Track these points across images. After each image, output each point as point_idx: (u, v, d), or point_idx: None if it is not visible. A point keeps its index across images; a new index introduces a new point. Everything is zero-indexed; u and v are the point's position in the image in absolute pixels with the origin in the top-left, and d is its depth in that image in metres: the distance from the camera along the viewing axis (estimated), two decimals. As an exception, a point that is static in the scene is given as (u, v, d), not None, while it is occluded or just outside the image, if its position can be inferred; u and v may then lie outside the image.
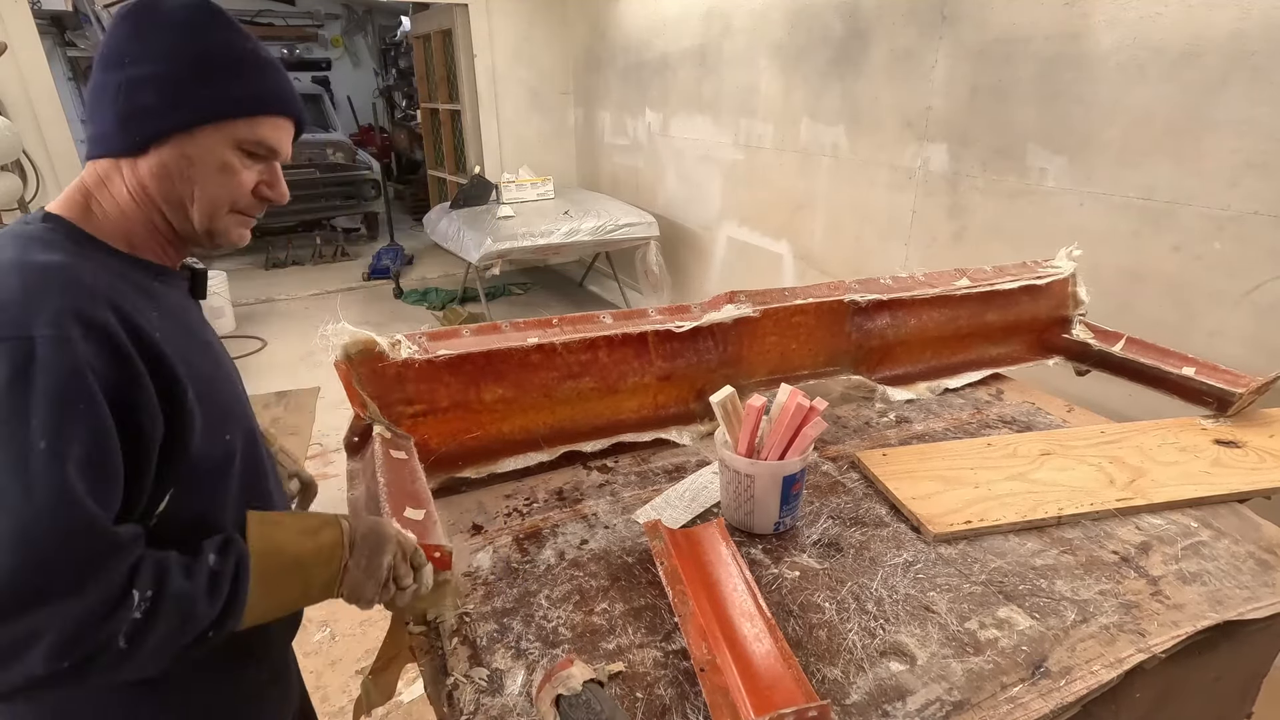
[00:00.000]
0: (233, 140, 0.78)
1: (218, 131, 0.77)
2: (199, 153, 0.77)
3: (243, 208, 0.82)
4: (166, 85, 0.74)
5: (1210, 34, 1.83)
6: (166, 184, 0.77)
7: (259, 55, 0.80)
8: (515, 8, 5.47)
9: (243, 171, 0.79)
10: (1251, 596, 0.92)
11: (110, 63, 0.75)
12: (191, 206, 0.78)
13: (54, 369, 0.63)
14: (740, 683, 0.73)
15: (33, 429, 0.62)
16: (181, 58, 0.75)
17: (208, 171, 0.77)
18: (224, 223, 0.81)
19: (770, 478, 0.99)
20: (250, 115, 0.78)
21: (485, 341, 1.16)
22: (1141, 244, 2.06)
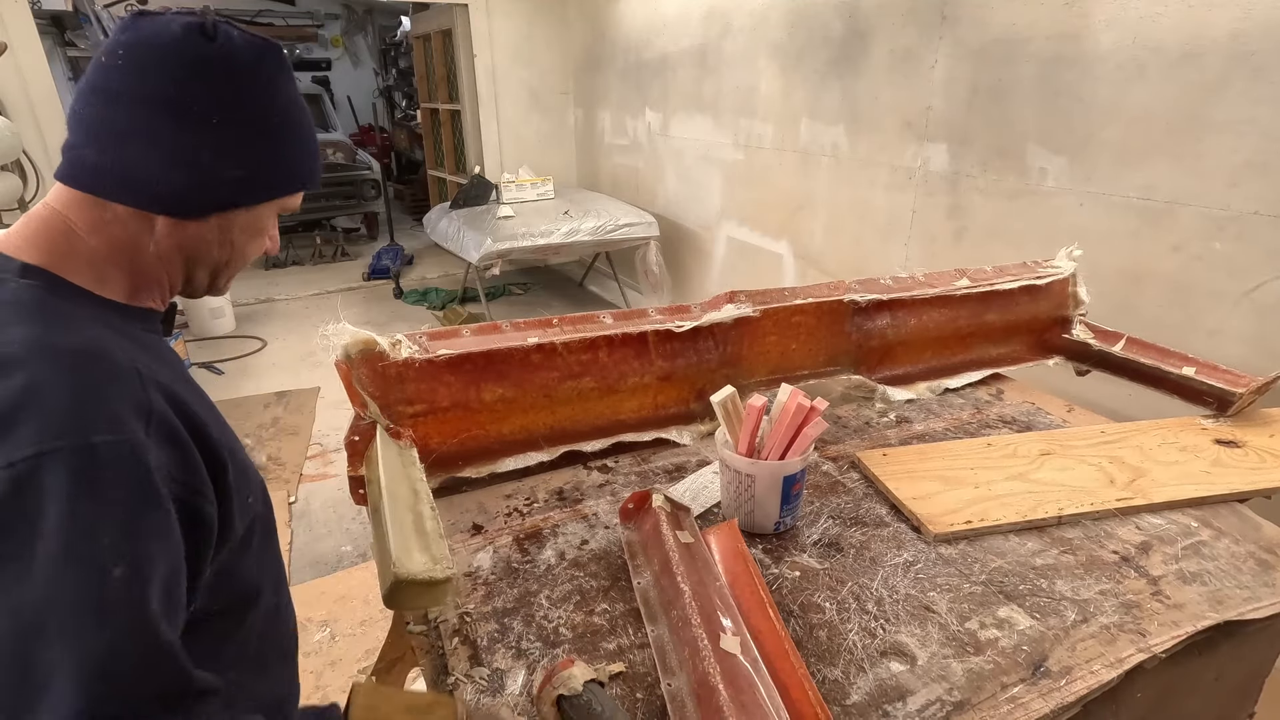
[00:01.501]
0: (279, 209, 0.75)
1: (275, 203, 0.73)
2: (253, 221, 0.72)
3: (237, 267, 0.77)
4: (253, 157, 0.68)
5: (1210, 34, 1.83)
6: (209, 249, 0.70)
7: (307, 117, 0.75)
8: (515, 8, 5.47)
9: (271, 231, 0.77)
10: (1252, 596, 0.92)
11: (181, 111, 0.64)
12: (224, 269, 0.74)
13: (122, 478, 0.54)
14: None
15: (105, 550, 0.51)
16: (267, 125, 0.69)
17: (253, 238, 0.74)
18: (224, 280, 0.77)
19: (771, 478, 0.99)
20: (300, 183, 0.74)
21: (485, 341, 1.16)
22: (1141, 244, 2.07)
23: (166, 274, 0.71)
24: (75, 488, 0.51)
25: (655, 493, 1.01)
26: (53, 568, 0.51)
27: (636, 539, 0.99)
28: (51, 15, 8.36)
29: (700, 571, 0.88)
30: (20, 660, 0.50)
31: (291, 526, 2.83)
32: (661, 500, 1.00)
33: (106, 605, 0.51)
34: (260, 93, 0.68)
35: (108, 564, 0.51)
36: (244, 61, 0.67)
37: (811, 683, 0.75)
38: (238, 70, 0.66)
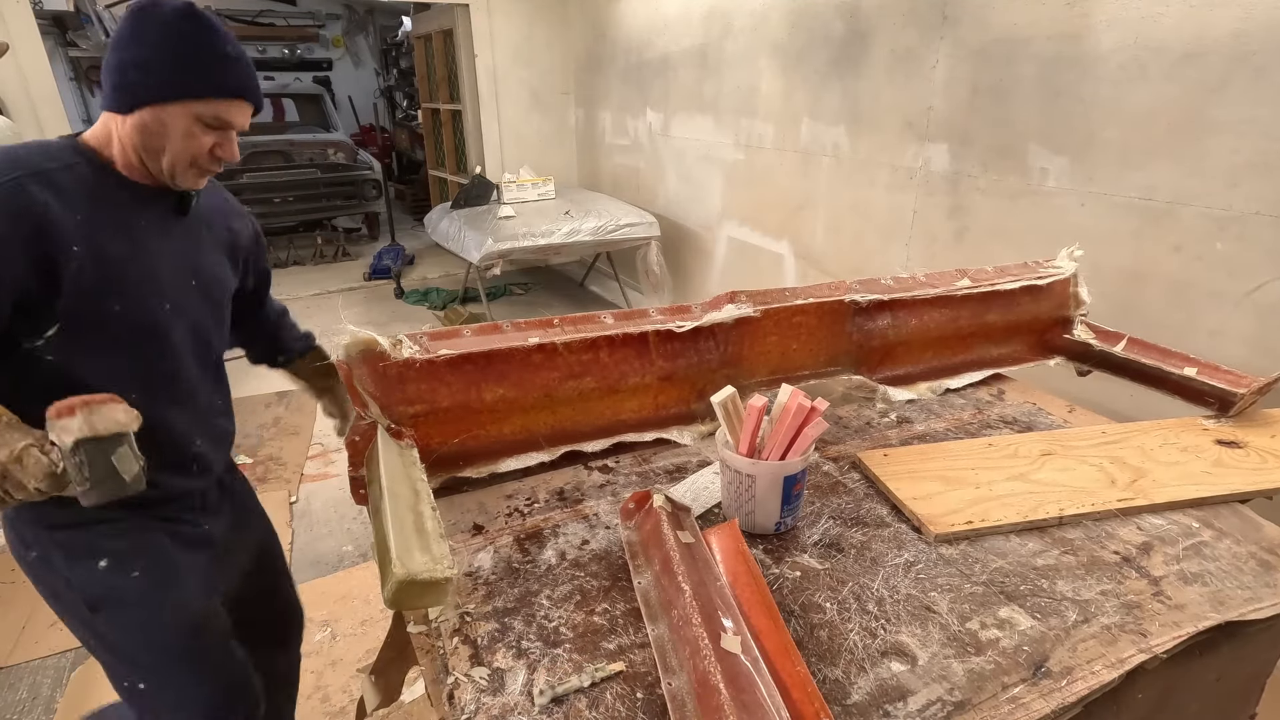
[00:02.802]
0: (194, 114, 1.04)
1: (182, 107, 1.03)
2: (169, 119, 1.03)
3: (200, 164, 1.08)
4: (147, 68, 1.02)
5: (1212, 34, 1.83)
6: (145, 137, 1.04)
7: (223, 52, 1.05)
8: (516, 8, 5.47)
9: (201, 137, 1.06)
10: (1253, 597, 0.92)
11: (115, 45, 1.03)
12: (161, 157, 1.06)
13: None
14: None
15: None
16: (162, 49, 1.02)
17: (174, 134, 1.04)
18: (184, 173, 1.08)
19: (771, 478, 0.99)
20: (209, 98, 1.05)
21: (486, 341, 1.16)
22: (1143, 244, 2.06)
23: (135, 156, 1.06)
24: None
25: (656, 493, 1.01)
26: None
27: (637, 539, 0.99)
28: (53, 15, 8.37)
29: (701, 571, 0.88)
30: None
31: (292, 526, 2.83)
32: (662, 500, 1.00)
33: None
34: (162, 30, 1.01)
35: None
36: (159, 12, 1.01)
37: (812, 682, 0.75)
38: (152, 16, 1.01)
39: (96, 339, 1.04)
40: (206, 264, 1.20)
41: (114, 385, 0.99)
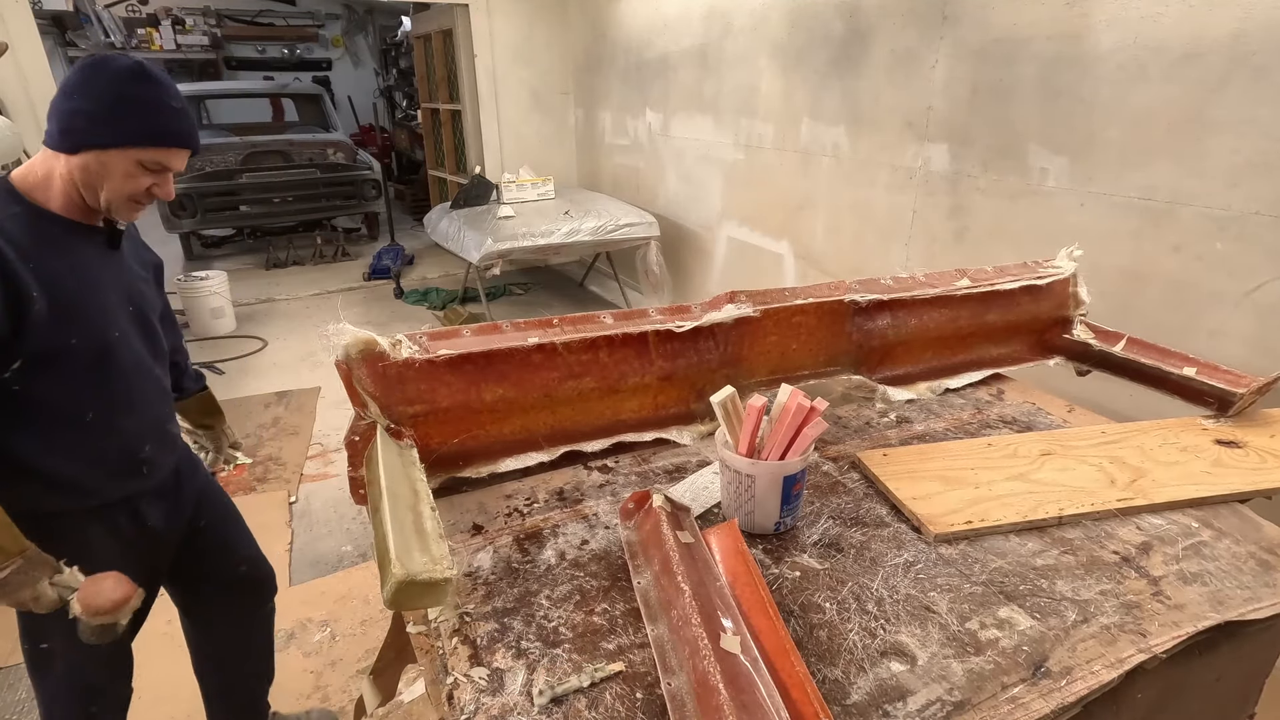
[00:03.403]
0: (134, 159, 1.15)
1: (124, 153, 1.14)
2: (110, 162, 1.14)
3: (137, 200, 1.20)
4: (93, 117, 1.13)
5: (1211, 34, 1.83)
6: (86, 176, 1.15)
7: (167, 106, 1.17)
8: (516, 8, 5.47)
9: (140, 178, 1.17)
10: (1252, 597, 0.92)
11: (64, 91, 1.14)
12: (100, 193, 1.16)
13: None
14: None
15: None
16: (108, 101, 1.13)
17: (115, 175, 1.15)
18: (121, 207, 1.20)
19: (771, 478, 0.99)
20: (148, 146, 1.16)
21: (486, 341, 1.16)
22: (1142, 244, 2.07)
23: (74, 192, 1.16)
24: None
25: (655, 493, 1.01)
26: None
27: (636, 539, 0.99)
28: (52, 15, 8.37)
29: (700, 571, 0.88)
30: None
31: (292, 526, 2.83)
32: (661, 500, 1.00)
33: None
34: (108, 84, 1.12)
35: None
36: (108, 68, 1.13)
37: (812, 682, 0.75)
38: (101, 71, 1.13)
39: (56, 368, 1.16)
40: (136, 290, 1.32)
41: (72, 405, 1.19)
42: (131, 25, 9.52)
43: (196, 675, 1.74)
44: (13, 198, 1.15)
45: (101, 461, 1.25)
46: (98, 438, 1.24)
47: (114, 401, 1.25)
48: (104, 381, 1.23)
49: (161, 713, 1.97)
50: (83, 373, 1.19)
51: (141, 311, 1.32)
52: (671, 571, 0.87)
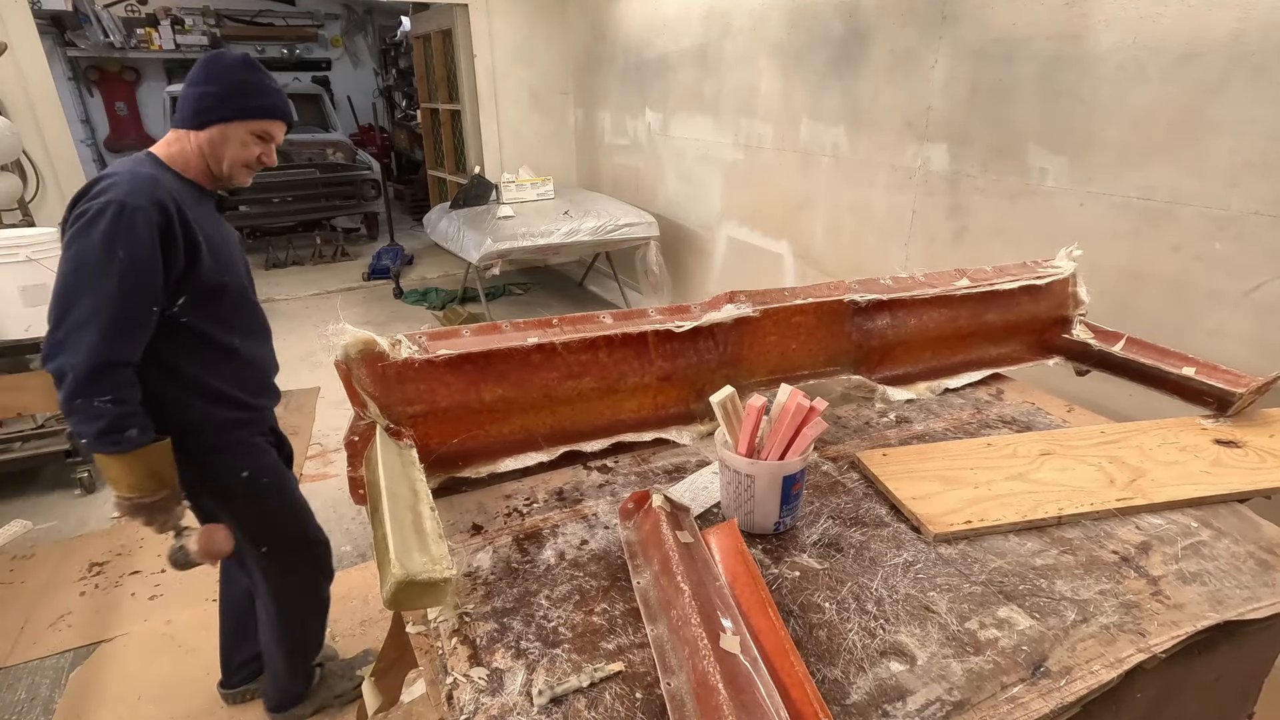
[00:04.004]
0: (249, 130, 1.46)
1: (241, 125, 1.45)
2: (230, 133, 1.45)
3: (249, 165, 1.50)
4: (219, 97, 1.43)
5: (1210, 34, 1.83)
6: (212, 147, 1.45)
7: (271, 87, 1.49)
8: (515, 8, 5.47)
9: (252, 146, 1.48)
10: (1251, 596, 0.92)
11: (191, 81, 1.44)
12: (223, 162, 1.46)
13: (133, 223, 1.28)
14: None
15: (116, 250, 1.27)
16: (223, 83, 1.43)
17: (233, 145, 1.46)
18: (238, 172, 1.50)
19: (770, 478, 0.99)
20: (260, 118, 1.46)
21: (485, 341, 1.16)
22: (1142, 244, 2.07)
23: (202, 163, 1.46)
24: (116, 219, 1.27)
25: (655, 493, 1.01)
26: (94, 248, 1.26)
27: (636, 539, 0.99)
28: (51, 15, 8.36)
29: (700, 571, 0.88)
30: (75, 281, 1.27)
31: (291, 526, 2.82)
32: (661, 500, 1.00)
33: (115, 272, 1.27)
34: (227, 71, 1.44)
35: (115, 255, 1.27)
36: (224, 59, 1.46)
37: (811, 682, 0.75)
38: (219, 62, 1.45)
39: (213, 303, 1.46)
40: (240, 248, 1.63)
41: (225, 334, 1.49)
42: (131, 25, 9.51)
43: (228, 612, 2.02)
44: (163, 166, 1.44)
45: (248, 383, 1.57)
46: (243, 363, 1.55)
47: (251, 333, 1.59)
48: (244, 316, 1.56)
49: (162, 713, 1.97)
50: (231, 308, 1.50)
51: (247, 265, 1.64)
52: (671, 571, 0.87)
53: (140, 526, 1.39)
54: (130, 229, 1.27)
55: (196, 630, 2.27)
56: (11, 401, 2.94)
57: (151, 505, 1.36)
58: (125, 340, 1.29)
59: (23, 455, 2.99)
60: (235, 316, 1.52)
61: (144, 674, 2.11)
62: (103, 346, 1.26)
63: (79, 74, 9.78)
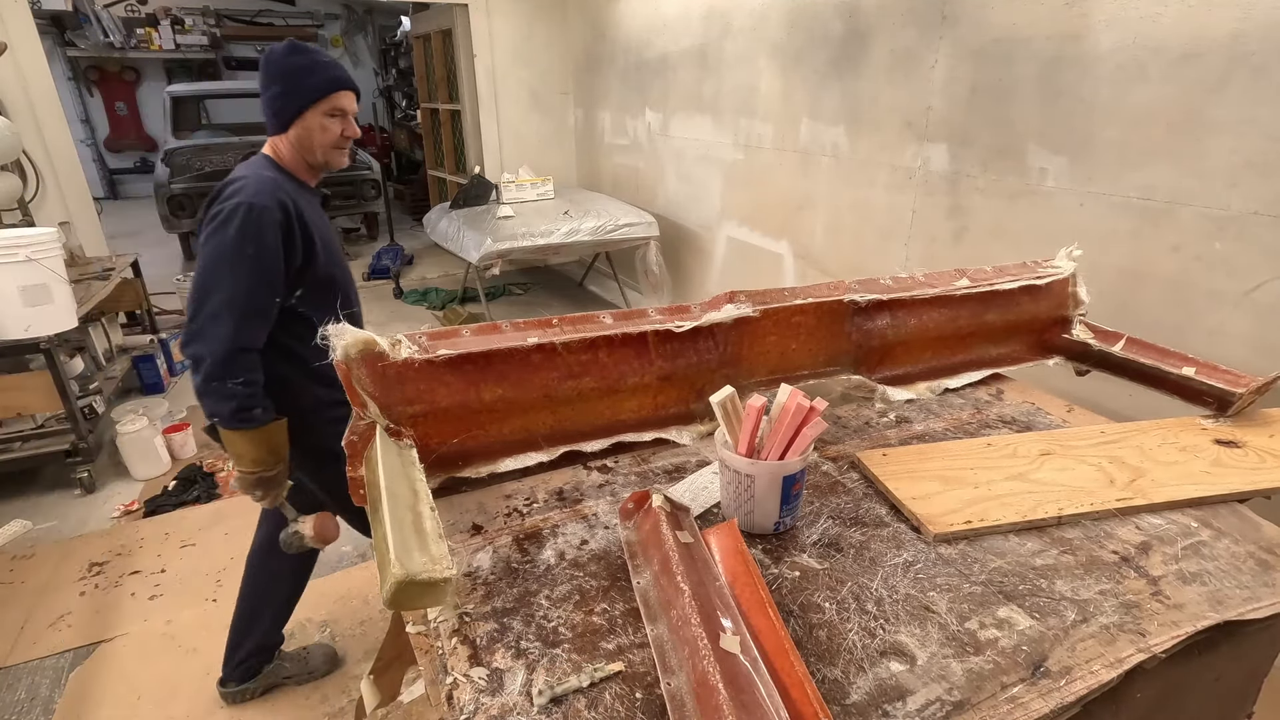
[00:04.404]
0: (321, 112, 1.56)
1: (312, 110, 1.55)
2: (308, 122, 1.56)
3: (338, 145, 1.62)
4: (284, 94, 1.54)
5: (1210, 34, 1.83)
6: (301, 142, 1.58)
7: (320, 62, 1.56)
8: (515, 8, 5.47)
9: (331, 126, 1.58)
10: (1251, 596, 0.92)
11: (261, 89, 1.57)
12: (316, 151, 1.60)
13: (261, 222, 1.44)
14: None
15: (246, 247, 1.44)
16: (282, 78, 1.54)
17: (315, 131, 1.57)
18: (331, 155, 1.62)
19: (770, 478, 0.99)
20: (324, 98, 1.55)
21: (485, 341, 1.15)
22: (1141, 244, 2.07)
23: (299, 159, 1.61)
24: (245, 219, 1.42)
25: (655, 493, 1.01)
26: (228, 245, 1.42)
27: (636, 539, 0.99)
28: (51, 15, 8.36)
29: (700, 571, 0.88)
30: (210, 276, 1.43)
31: (291, 526, 2.83)
32: (661, 500, 1.00)
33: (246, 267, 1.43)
34: (277, 65, 1.54)
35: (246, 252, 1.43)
36: (272, 55, 1.55)
37: (811, 682, 0.75)
38: (269, 59, 1.55)
39: (325, 293, 1.59)
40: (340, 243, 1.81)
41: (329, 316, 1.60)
42: (130, 25, 9.51)
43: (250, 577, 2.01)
44: (276, 167, 1.59)
45: None
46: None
47: (354, 320, 1.68)
48: (347, 304, 1.67)
49: (162, 713, 1.97)
50: (338, 298, 1.61)
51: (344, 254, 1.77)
52: (671, 571, 0.87)
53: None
54: (257, 228, 1.43)
55: (196, 630, 2.27)
56: (11, 401, 2.95)
57: (269, 479, 1.50)
58: (253, 328, 1.46)
59: (23, 455, 2.99)
60: (341, 305, 1.61)
61: (144, 674, 2.11)
62: (235, 334, 1.41)
63: (79, 74, 9.78)
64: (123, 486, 3.15)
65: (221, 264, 1.43)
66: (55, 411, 3.03)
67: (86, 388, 3.40)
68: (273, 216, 1.45)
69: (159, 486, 3.12)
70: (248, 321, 1.44)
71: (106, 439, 3.42)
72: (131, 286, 4.18)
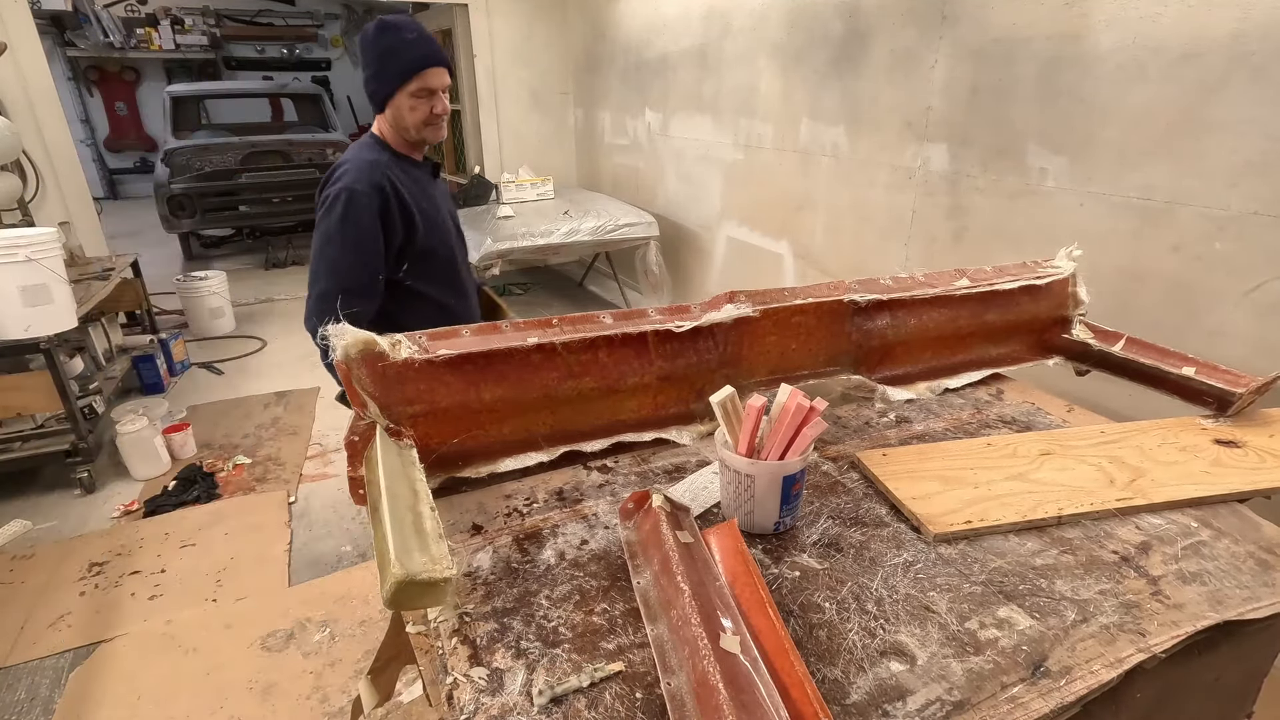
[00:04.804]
0: (407, 93, 1.62)
1: (400, 92, 1.61)
2: (398, 103, 1.63)
3: (429, 121, 1.67)
4: (375, 78, 1.62)
5: (1210, 34, 1.83)
6: (395, 122, 1.67)
7: (401, 42, 1.57)
8: (515, 8, 5.47)
9: (419, 105, 1.63)
10: (1251, 596, 0.92)
11: (361, 69, 1.65)
12: (409, 129, 1.67)
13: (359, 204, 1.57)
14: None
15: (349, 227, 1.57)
16: (371, 62, 1.61)
17: (405, 111, 1.64)
18: (425, 131, 1.68)
19: (770, 478, 0.99)
20: (409, 79, 1.60)
21: (485, 341, 1.16)
22: (1141, 244, 2.07)
23: (399, 136, 1.70)
24: (346, 205, 1.56)
25: (655, 493, 1.01)
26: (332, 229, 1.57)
27: (636, 539, 0.99)
28: (51, 15, 8.37)
29: (700, 571, 0.88)
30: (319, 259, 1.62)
31: (291, 526, 2.83)
32: (661, 500, 1.00)
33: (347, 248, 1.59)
34: (369, 45, 1.60)
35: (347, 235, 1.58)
36: (365, 34, 1.60)
37: (811, 682, 0.75)
38: (363, 39, 1.61)
39: (429, 266, 1.71)
40: (452, 209, 1.86)
41: (438, 293, 1.74)
42: (130, 25, 9.52)
43: None
44: (382, 146, 1.69)
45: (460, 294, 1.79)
46: (452, 318, 1.74)
47: (458, 291, 1.79)
48: (452, 277, 1.76)
49: (162, 713, 1.97)
50: (441, 270, 1.72)
51: (458, 225, 1.85)
52: (671, 571, 0.87)
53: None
54: (357, 212, 1.57)
55: (196, 630, 2.27)
56: (11, 401, 2.95)
57: None
58: (355, 305, 1.56)
59: (23, 455, 2.99)
60: (445, 277, 1.74)
61: (144, 674, 2.11)
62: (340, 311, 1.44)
63: (79, 74, 9.78)
64: (123, 486, 3.15)
65: (328, 247, 1.59)
66: (55, 411, 3.03)
67: (86, 388, 3.40)
68: (370, 201, 1.58)
69: (159, 486, 3.12)
70: (349, 299, 1.53)
71: (106, 439, 3.42)
72: (131, 286, 4.18)
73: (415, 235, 1.66)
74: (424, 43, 1.59)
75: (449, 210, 1.83)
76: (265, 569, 2.57)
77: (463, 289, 1.81)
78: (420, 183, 1.71)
